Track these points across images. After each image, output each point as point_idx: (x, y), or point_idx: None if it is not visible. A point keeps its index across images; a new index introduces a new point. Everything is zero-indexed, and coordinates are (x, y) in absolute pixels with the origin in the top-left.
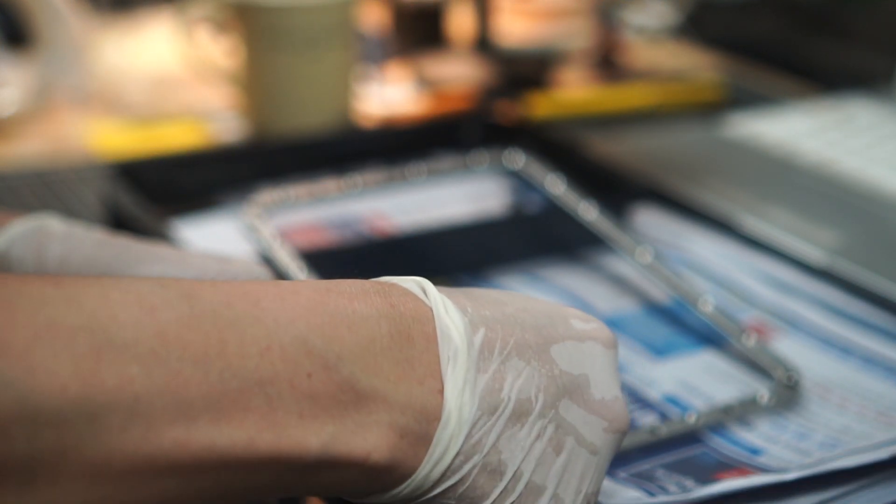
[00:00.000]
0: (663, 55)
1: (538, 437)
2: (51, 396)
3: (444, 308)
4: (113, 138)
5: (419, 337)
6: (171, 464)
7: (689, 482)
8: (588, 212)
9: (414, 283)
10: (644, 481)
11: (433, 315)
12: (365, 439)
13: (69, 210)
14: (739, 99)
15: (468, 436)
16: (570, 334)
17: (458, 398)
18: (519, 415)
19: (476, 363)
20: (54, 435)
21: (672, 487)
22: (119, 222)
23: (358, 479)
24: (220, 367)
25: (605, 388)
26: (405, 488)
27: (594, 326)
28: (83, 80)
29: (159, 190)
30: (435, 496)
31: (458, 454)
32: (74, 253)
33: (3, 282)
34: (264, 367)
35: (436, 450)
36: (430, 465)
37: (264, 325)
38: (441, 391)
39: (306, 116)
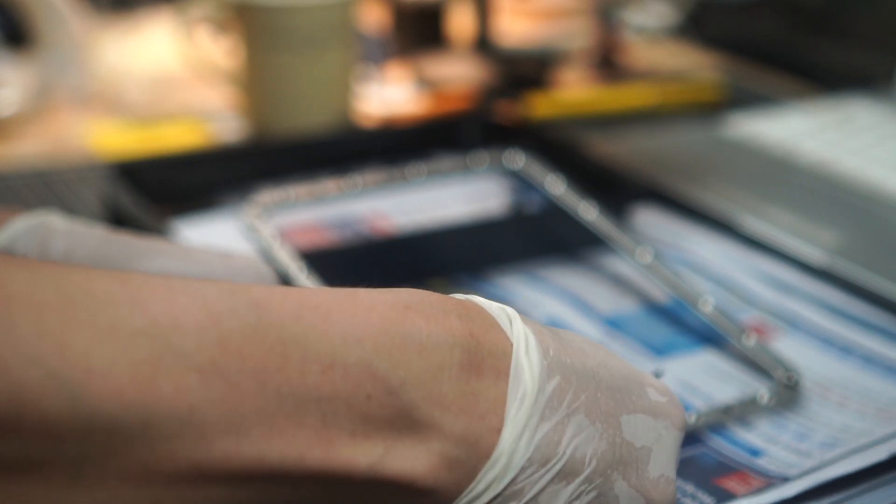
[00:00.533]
0: (663, 55)
1: (578, 497)
2: (106, 400)
3: (526, 346)
4: (113, 138)
5: (490, 371)
6: (219, 473)
7: (688, 488)
8: (588, 212)
9: (502, 312)
10: None
11: (512, 351)
12: (413, 465)
13: (69, 210)
14: (739, 99)
15: (512, 482)
16: (643, 406)
17: (514, 442)
18: (567, 473)
19: (542, 411)
20: (105, 438)
21: None
22: (119, 222)
23: (398, 502)
24: (279, 383)
25: (661, 467)
26: None
27: (669, 401)
28: (83, 80)
29: (159, 190)
30: None
31: (497, 497)
32: (78, 249)
33: (68, 277)
34: (324, 385)
35: (476, 486)
36: (467, 501)
37: (331, 342)
38: (499, 430)
39: (306, 116)
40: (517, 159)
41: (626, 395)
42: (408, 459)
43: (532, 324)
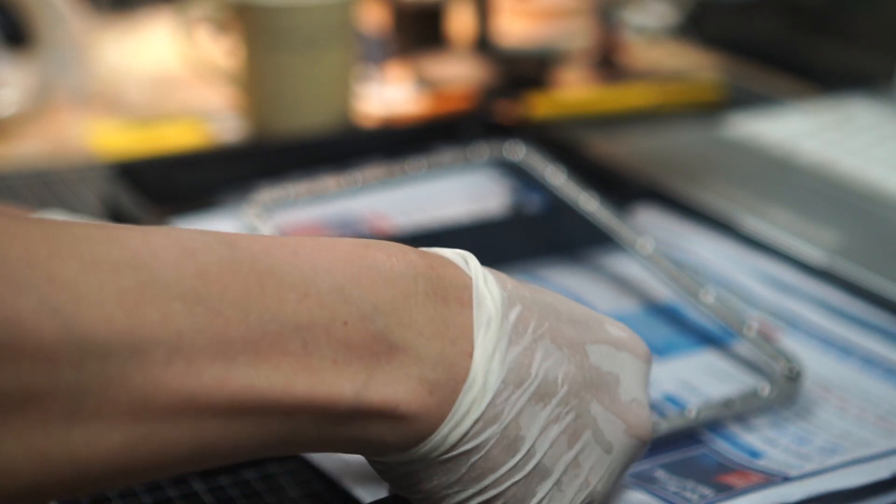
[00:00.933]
0: (663, 55)
1: (557, 420)
2: (97, 326)
3: (484, 280)
4: (113, 138)
5: (455, 301)
6: (211, 403)
7: (689, 484)
8: (588, 203)
9: (457, 255)
10: (646, 483)
11: (472, 284)
12: (396, 390)
13: (69, 210)
14: (739, 99)
15: (491, 404)
16: (605, 338)
17: (487, 364)
18: (543, 395)
19: (509, 335)
20: (99, 366)
21: (673, 488)
22: (119, 222)
23: (384, 434)
24: (259, 310)
25: (631, 392)
26: (422, 447)
27: (629, 336)
28: (83, 80)
29: (159, 190)
30: (449, 459)
31: (478, 420)
32: None
33: (46, 221)
34: (301, 313)
35: (457, 411)
36: (450, 427)
37: (302, 273)
38: (471, 354)
39: (306, 116)
40: (517, 151)
41: (587, 328)
42: (390, 385)
43: (488, 268)
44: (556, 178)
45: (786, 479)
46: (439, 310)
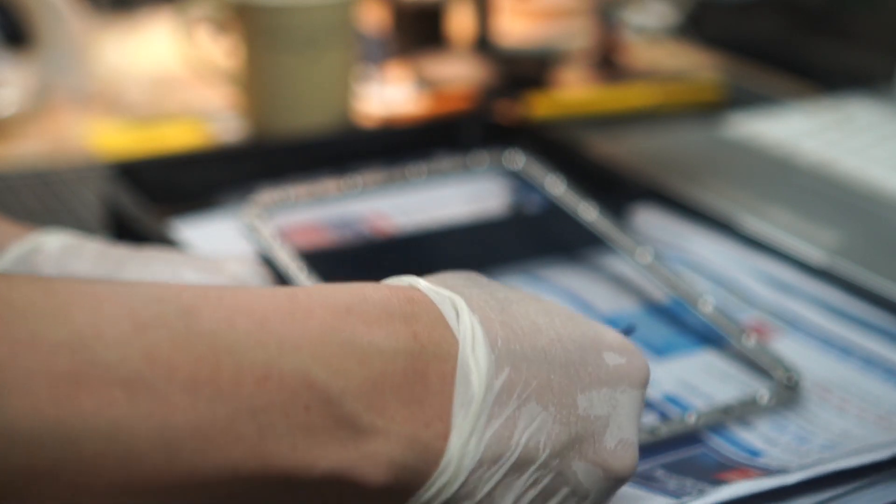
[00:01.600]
0: (663, 55)
1: (534, 484)
2: (23, 417)
3: (472, 343)
4: (113, 138)
5: (435, 376)
6: (149, 488)
7: (689, 482)
8: (588, 212)
9: (448, 302)
10: (645, 481)
11: (457, 351)
12: (359, 473)
13: (69, 210)
14: (739, 99)
15: (464, 483)
16: (598, 377)
17: (463, 447)
18: (521, 464)
19: (490, 409)
20: (26, 456)
21: (672, 488)
22: (119, 222)
23: (349, 501)
24: (211, 393)
25: (619, 433)
26: None
27: (627, 361)
28: (83, 80)
29: (159, 190)
30: None
31: (449, 500)
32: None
33: None
34: (259, 396)
35: (428, 492)
36: None
37: (265, 351)
38: (446, 436)
39: (306, 116)
40: (517, 159)
41: (582, 368)
42: (354, 468)
43: (481, 308)
44: (556, 187)
45: (785, 473)
46: (416, 391)
